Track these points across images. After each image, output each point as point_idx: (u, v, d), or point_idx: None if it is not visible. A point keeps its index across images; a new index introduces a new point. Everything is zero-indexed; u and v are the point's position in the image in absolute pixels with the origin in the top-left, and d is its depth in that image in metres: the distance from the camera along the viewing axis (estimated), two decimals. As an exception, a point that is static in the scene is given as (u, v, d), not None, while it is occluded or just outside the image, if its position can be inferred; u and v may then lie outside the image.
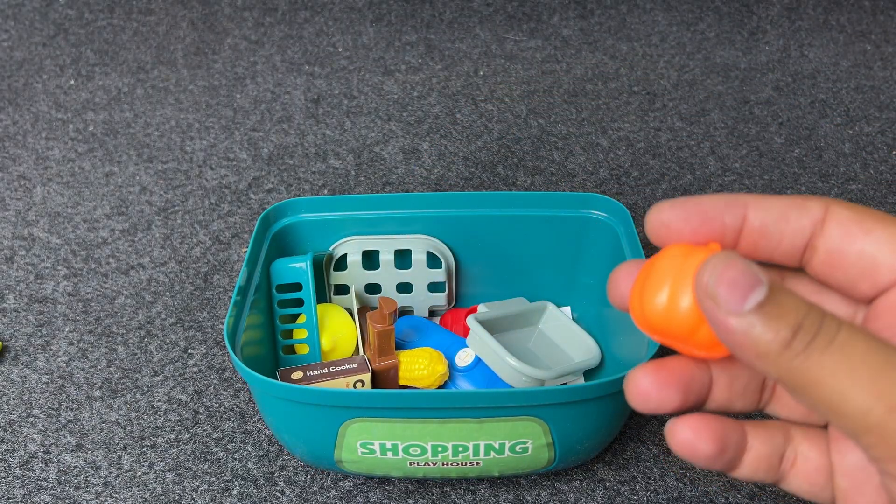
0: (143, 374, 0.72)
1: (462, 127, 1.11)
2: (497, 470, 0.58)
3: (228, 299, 0.80)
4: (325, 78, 1.23)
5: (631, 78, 1.24)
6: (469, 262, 0.74)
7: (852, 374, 0.19)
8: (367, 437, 0.54)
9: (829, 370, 0.19)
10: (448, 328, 0.74)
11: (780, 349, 0.19)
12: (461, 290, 0.76)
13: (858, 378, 0.18)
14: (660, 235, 0.23)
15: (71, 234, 0.89)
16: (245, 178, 0.99)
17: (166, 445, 0.66)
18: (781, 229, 0.22)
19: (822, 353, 0.19)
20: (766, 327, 0.19)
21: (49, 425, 0.68)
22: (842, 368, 0.19)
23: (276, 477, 0.63)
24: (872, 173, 1.01)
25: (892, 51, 1.34)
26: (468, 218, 0.71)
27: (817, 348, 0.19)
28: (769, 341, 0.19)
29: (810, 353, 0.19)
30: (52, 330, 0.77)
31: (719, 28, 1.41)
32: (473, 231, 0.72)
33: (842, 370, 0.19)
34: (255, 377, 0.51)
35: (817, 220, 0.22)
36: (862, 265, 0.21)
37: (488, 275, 0.75)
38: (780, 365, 0.19)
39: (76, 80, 1.22)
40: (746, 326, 0.19)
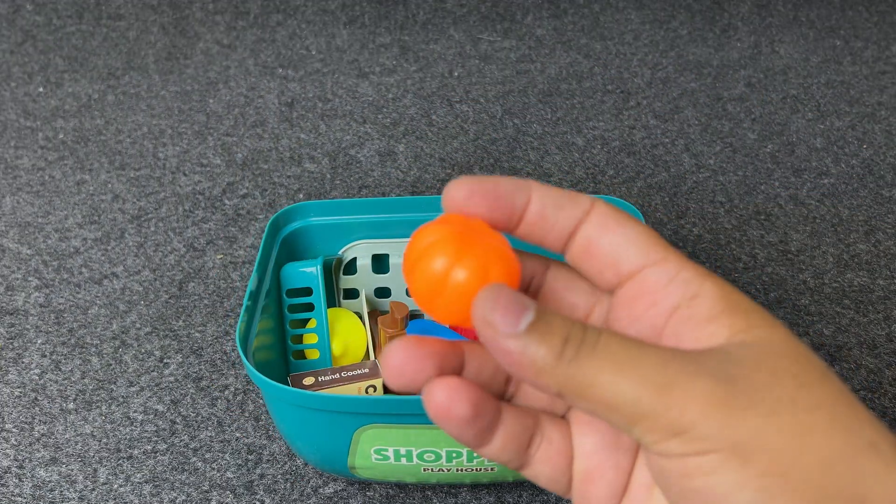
0: (119, 385, 0.71)
1: (438, 128, 1.11)
2: (512, 475, 0.57)
3: (204, 307, 0.79)
4: (299, 81, 1.22)
5: (605, 77, 1.25)
6: None
7: (618, 369, 0.21)
8: (382, 443, 0.54)
9: (598, 370, 0.21)
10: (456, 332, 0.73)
11: (555, 361, 0.21)
12: None
13: (624, 372, 0.21)
14: (454, 208, 0.25)
15: (42, 244, 0.88)
16: (219, 184, 0.98)
17: (143, 457, 0.65)
18: (556, 216, 0.24)
19: (590, 357, 0.21)
20: (540, 343, 0.21)
21: (22, 439, 0.66)
22: (608, 366, 0.21)
23: (256, 485, 0.62)
24: (844, 167, 1.03)
25: (861, 46, 1.36)
26: None
27: (585, 354, 0.21)
28: (544, 355, 0.21)
29: (580, 359, 0.21)
30: (23, 342, 0.76)
31: (691, 26, 1.42)
32: None
33: (609, 368, 0.21)
34: (270, 384, 0.51)
35: (584, 212, 0.24)
36: (609, 255, 0.24)
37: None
38: (557, 375, 0.21)
39: (45, 88, 1.20)
40: (522, 346, 0.21)
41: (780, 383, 0.21)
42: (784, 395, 0.21)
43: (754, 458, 0.20)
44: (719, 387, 0.21)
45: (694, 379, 0.21)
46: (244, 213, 0.93)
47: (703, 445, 0.20)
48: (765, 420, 0.20)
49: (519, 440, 0.25)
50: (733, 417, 0.20)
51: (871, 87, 1.23)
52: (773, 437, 0.20)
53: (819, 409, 0.21)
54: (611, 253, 0.24)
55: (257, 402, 0.70)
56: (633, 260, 0.24)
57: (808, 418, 0.21)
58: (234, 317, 0.78)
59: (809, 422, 0.21)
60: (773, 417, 0.20)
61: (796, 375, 0.21)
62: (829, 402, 0.21)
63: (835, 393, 0.21)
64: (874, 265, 0.86)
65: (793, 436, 0.20)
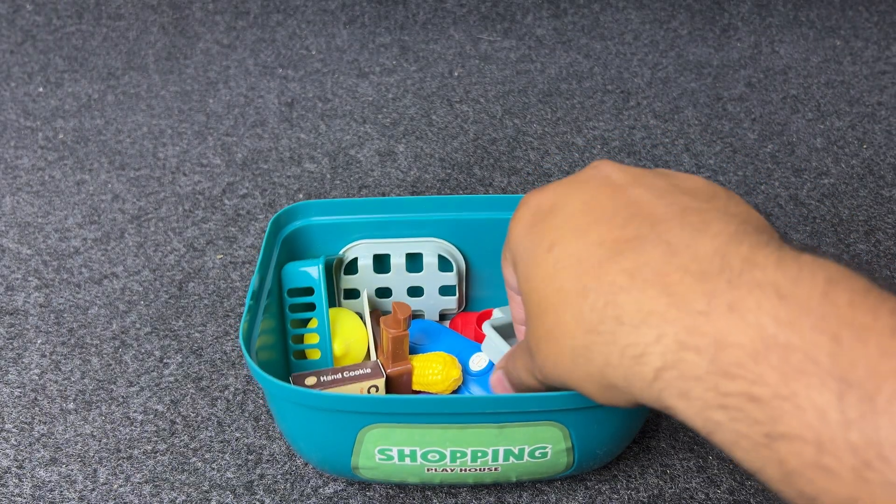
0: (118, 385, 0.71)
1: (438, 128, 1.11)
2: (515, 475, 0.57)
3: (204, 307, 0.79)
4: (299, 81, 1.22)
5: (605, 76, 1.25)
6: (480, 265, 0.74)
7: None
8: (386, 443, 0.53)
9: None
10: (458, 331, 0.73)
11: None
12: (471, 294, 0.76)
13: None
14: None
15: (42, 244, 0.88)
16: (219, 184, 0.98)
17: (143, 457, 0.65)
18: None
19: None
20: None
21: (22, 440, 0.66)
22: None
23: (256, 486, 0.62)
24: (844, 167, 1.03)
25: (861, 45, 1.36)
26: (479, 221, 0.71)
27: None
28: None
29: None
30: (23, 342, 0.76)
31: (692, 26, 1.42)
32: (484, 234, 0.72)
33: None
34: (274, 383, 0.51)
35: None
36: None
37: (498, 278, 0.75)
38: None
39: (45, 88, 1.20)
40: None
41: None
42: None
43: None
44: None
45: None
46: (244, 213, 0.93)
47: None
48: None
49: None
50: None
51: (871, 87, 1.23)
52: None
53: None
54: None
55: (257, 402, 0.70)
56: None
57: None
58: (234, 317, 0.78)
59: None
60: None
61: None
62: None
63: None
64: (874, 265, 0.86)
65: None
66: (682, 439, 0.66)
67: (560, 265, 0.29)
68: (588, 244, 0.28)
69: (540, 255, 0.30)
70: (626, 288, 0.27)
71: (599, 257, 0.28)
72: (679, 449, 0.65)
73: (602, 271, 0.27)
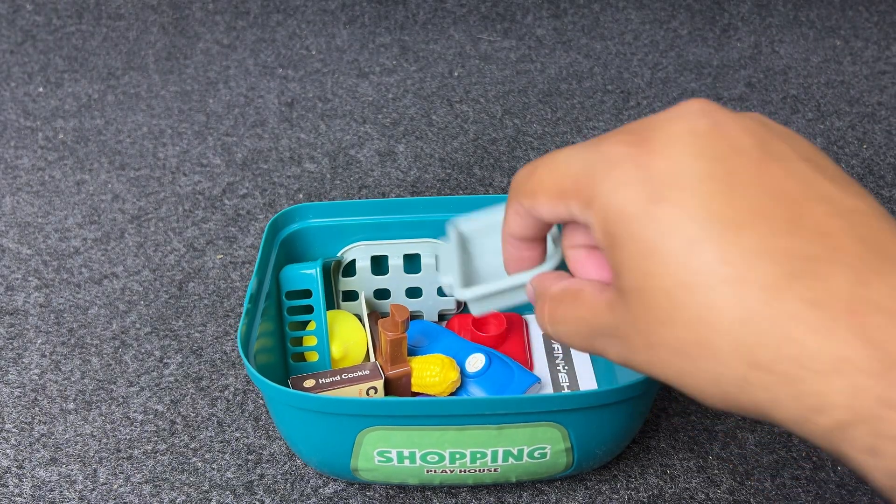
0: (118, 385, 0.71)
1: (438, 128, 1.11)
2: (514, 476, 0.57)
3: (204, 307, 0.79)
4: (299, 81, 1.22)
5: (605, 76, 1.25)
6: None
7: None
8: (385, 445, 0.53)
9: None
10: (456, 332, 0.73)
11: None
12: None
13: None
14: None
15: (42, 244, 0.88)
16: (219, 184, 0.98)
17: (143, 457, 0.65)
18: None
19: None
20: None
21: (22, 440, 0.66)
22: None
23: (256, 486, 0.62)
24: (844, 167, 1.03)
25: (861, 46, 1.36)
26: None
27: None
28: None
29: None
30: (23, 342, 0.76)
31: (691, 26, 1.42)
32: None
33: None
34: (272, 386, 0.51)
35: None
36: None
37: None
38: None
39: (45, 88, 1.20)
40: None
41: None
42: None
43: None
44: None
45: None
46: (244, 213, 0.93)
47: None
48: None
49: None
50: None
51: (871, 87, 1.23)
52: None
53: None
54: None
55: (257, 402, 0.70)
56: None
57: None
58: (234, 317, 0.78)
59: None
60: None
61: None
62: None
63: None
64: (874, 265, 0.86)
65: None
66: (682, 439, 0.66)
67: (708, 274, 0.23)
68: (747, 252, 0.22)
69: (671, 247, 0.23)
70: (810, 324, 0.21)
71: (769, 276, 0.22)
72: (679, 449, 0.65)
73: (775, 296, 0.22)
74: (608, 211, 0.25)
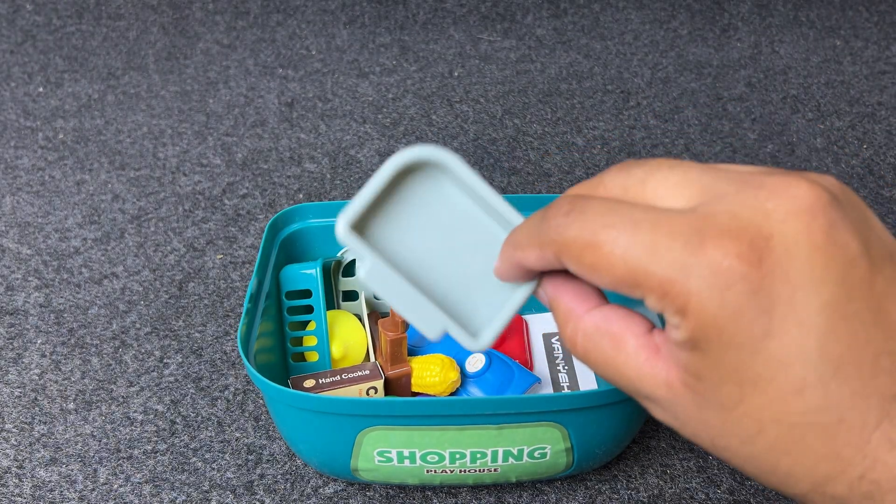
0: (118, 385, 0.71)
1: (438, 128, 1.11)
2: (514, 476, 0.57)
3: (204, 307, 0.79)
4: (299, 81, 1.22)
5: (605, 76, 1.25)
6: None
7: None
8: (385, 445, 0.54)
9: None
10: None
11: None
12: None
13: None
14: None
15: (42, 244, 0.88)
16: (219, 184, 0.98)
17: (143, 457, 0.65)
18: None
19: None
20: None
21: (22, 440, 0.66)
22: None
23: (256, 486, 0.62)
24: (844, 167, 1.03)
25: (861, 45, 1.36)
26: None
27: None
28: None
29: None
30: (23, 342, 0.76)
31: (692, 26, 1.42)
32: None
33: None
34: (272, 386, 0.51)
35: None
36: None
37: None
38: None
39: (45, 88, 1.20)
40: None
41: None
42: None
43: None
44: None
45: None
46: (244, 213, 0.93)
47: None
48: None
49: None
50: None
51: (871, 87, 1.23)
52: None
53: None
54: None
55: (257, 402, 0.70)
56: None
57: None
58: (234, 317, 0.78)
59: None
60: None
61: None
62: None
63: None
64: (874, 265, 0.86)
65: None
66: (682, 439, 0.66)
67: (806, 415, 0.22)
68: (850, 395, 0.22)
69: (777, 385, 0.22)
70: (887, 463, 0.21)
71: (863, 418, 0.22)
72: (679, 449, 0.65)
73: (865, 438, 0.22)
74: (708, 329, 0.22)
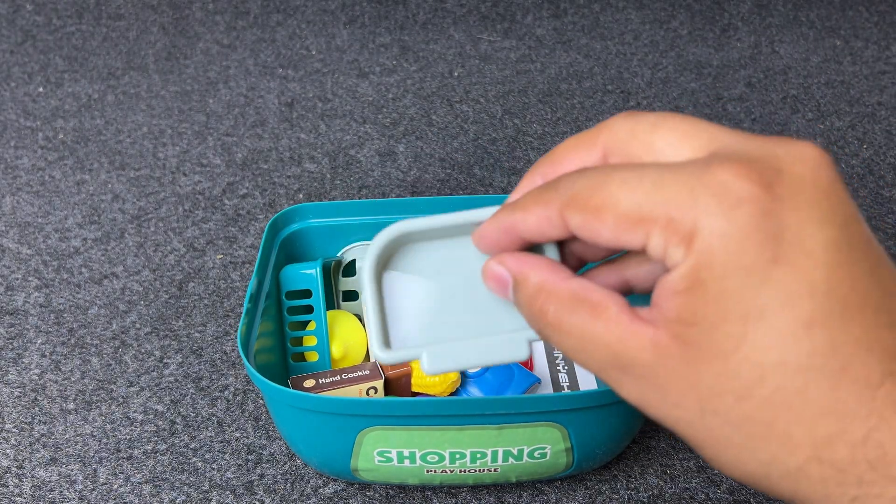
0: (118, 385, 0.71)
1: (438, 128, 1.11)
2: (514, 476, 0.57)
3: (204, 307, 0.79)
4: (299, 81, 1.22)
5: (605, 76, 1.25)
6: None
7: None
8: (385, 445, 0.54)
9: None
10: None
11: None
12: None
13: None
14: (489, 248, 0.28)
15: (42, 244, 0.88)
16: (219, 184, 0.98)
17: (143, 457, 0.65)
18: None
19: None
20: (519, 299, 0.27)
21: (22, 440, 0.66)
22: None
23: (256, 486, 0.62)
24: (844, 167, 1.03)
25: (861, 46, 1.36)
26: None
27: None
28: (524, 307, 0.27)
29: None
30: (23, 342, 0.76)
31: (691, 26, 1.42)
32: None
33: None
34: (272, 386, 0.51)
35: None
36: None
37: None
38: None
39: (45, 88, 1.20)
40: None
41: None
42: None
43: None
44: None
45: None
46: (244, 213, 0.93)
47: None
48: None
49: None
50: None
51: (871, 87, 1.23)
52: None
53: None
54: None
55: (257, 402, 0.70)
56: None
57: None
58: (234, 317, 0.78)
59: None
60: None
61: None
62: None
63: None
64: (874, 265, 0.86)
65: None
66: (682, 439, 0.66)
67: (812, 357, 0.21)
68: (854, 342, 0.21)
69: (783, 321, 0.21)
70: (894, 426, 0.20)
71: (869, 371, 0.21)
72: (679, 449, 0.65)
73: (869, 394, 0.21)
74: (714, 254, 0.21)
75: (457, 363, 0.28)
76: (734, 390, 0.21)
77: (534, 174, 0.27)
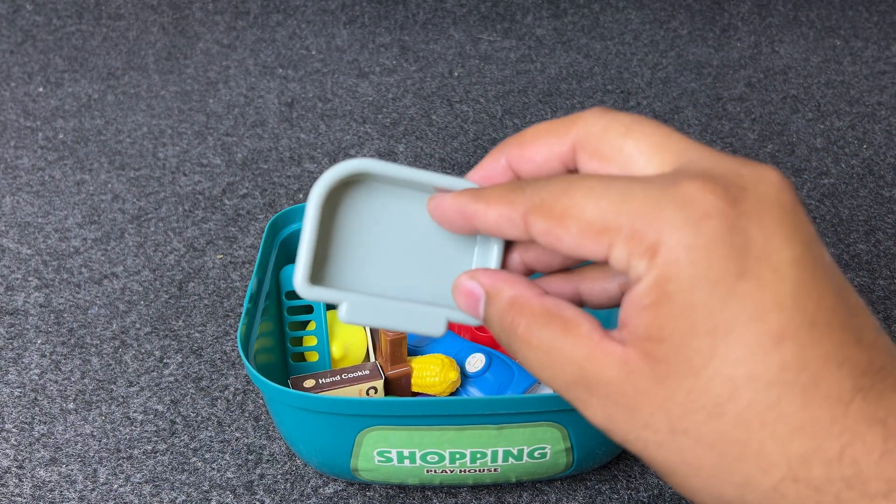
0: (118, 385, 0.71)
1: (438, 128, 1.11)
2: (514, 476, 0.57)
3: (204, 307, 0.79)
4: (299, 81, 1.22)
5: (605, 76, 1.25)
6: None
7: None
8: (385, 445, 0.54)
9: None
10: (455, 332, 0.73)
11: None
12: None
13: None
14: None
15: (42, 244, 0.88)
16: (219, 184, 0.98)
17: (143, 457, 0.65)
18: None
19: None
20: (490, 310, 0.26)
21: (22, 440, 0.66)
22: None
23: (256, 486, 0.62)
24: (844, 167, 1.03)
25: (861, 45, 1.36)
26: None
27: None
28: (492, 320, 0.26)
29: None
30: (23, 342, 0.76)
31: (691, 26, 1.42)
32: None
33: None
34: (272, 386, 0.51)
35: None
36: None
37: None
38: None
39: (45, 88, 1.20)
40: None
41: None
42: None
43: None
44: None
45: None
46: (244, 213, 0.93)
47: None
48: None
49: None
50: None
51: (871, 87, 1.23)
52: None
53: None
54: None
55: (257, 402, 0.70)
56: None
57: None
58: (234, 317, 0.78)
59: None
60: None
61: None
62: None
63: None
64: (874, 265, 0.86)
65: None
66: (682, 439, 0.66)
67: (783, 372, 0.21)
68: (824, 358, 0.21)
69: (751, 335, 0.21)
70: (869, 445, 0.20)
71: (839, 386, 0.21)
72: (679, 449, 0.65)
73: (841, 409, 0.20)
74: (679, 266, 0.21)
75: (373, 320, 0.27)
76: (706, 407, 0.21)
77: (499, 154, 0.27)
